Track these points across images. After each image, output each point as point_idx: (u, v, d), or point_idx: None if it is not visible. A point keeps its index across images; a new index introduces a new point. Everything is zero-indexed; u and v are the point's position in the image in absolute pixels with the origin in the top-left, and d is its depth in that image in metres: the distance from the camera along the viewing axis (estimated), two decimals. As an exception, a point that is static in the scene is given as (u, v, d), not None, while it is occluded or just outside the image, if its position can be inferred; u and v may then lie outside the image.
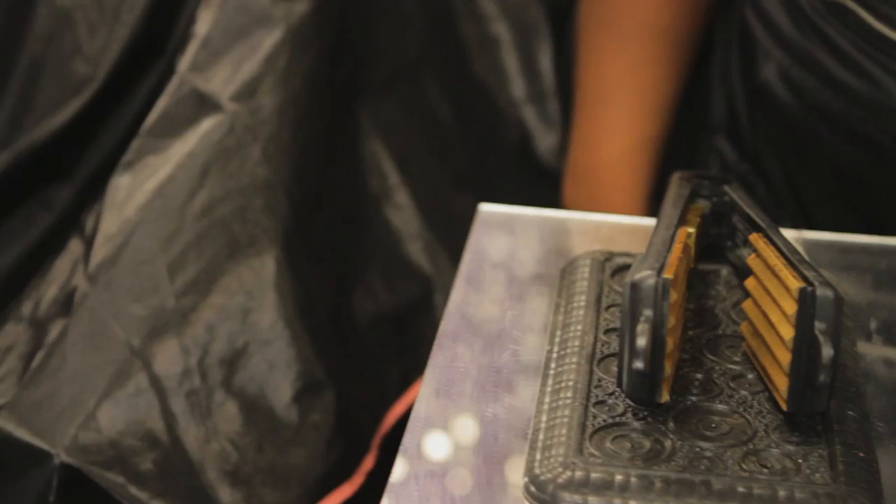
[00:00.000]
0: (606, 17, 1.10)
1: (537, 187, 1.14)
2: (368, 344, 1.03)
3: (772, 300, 0.74)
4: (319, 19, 0.99)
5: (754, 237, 0.79)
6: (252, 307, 0.94)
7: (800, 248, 0.87)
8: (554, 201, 1.13)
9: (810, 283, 0.69)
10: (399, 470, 0.72)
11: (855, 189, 1.05)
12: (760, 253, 0.77)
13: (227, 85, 0.97)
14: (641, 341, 0.68)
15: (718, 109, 1.16)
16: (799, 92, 1.05)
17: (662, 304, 0.69)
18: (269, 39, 0.97)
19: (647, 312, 0.69)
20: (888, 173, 1.03)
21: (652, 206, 1.11)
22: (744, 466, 0.69)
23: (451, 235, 1.05)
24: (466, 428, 0.76)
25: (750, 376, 0.75)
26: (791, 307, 0.70)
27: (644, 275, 0.69)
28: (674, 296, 0.70)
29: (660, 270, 0.70)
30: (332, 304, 1.01)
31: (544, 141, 1.15)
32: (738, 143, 1.14)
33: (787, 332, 0.70)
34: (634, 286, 0.69)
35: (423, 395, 0.78)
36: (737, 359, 0.77)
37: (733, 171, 1.13)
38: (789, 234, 0.91)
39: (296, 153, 0.98)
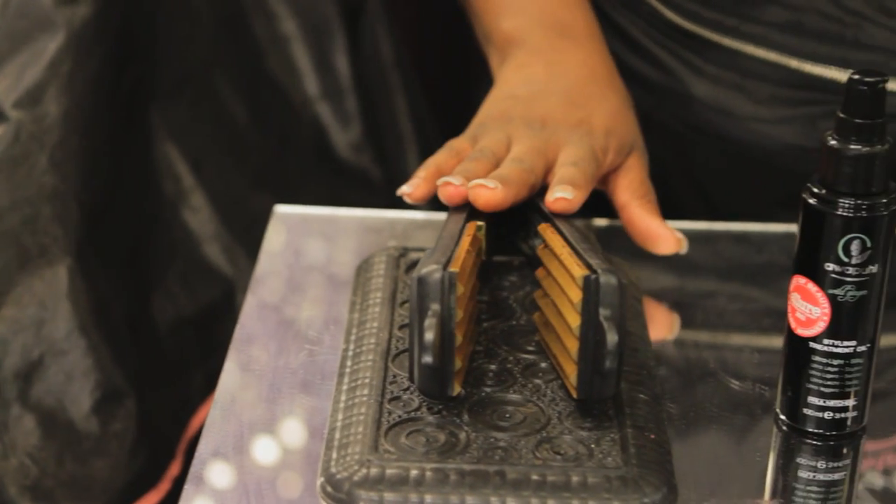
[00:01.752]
0: None
1: (336, 183, 1.14)
2: (170, 349, 1.02)
3: (560, 289, 0.74)
4: (103, 22, 0.97)
5: (543, 227, 0.80)
6: (45, 318, 0.93)
7: (593, 236, 0.89)
8: (353, 197, 1.13)
9: (594, 271, 0.70)
10: (195, 476, 0.72)
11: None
12: (548, 243, 0.78)
13: (10, 93, 0.95)
14: (429, 336, 0.68)
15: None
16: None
17: (450, 298, 0.69)
18: (52, 44, 0.95)
19: (435, 307, 0.69)
20: (682, 159, 1.05)
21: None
22: (538, 454, 0.69)
23: (250, 236, 1.04)
24: (263, 431, 0.75)
25: (543, 365, 0.76)
26: (577, 295, 0.71)
27: (430, 269, 0.70)
28: (461, 289, 0.71)
29: (446, 264, 0.70)
30: (130, 311, 0.99)
31: (341, 137, 1.14)
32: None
33: (574, 320, 0.71)
34: (421, 281, 0.69)
35: (219, 400, 0.77)
36: (530, 348, 0.78)
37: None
38: (584, 222, 0.93)
39: (84, 160, 0.96)
